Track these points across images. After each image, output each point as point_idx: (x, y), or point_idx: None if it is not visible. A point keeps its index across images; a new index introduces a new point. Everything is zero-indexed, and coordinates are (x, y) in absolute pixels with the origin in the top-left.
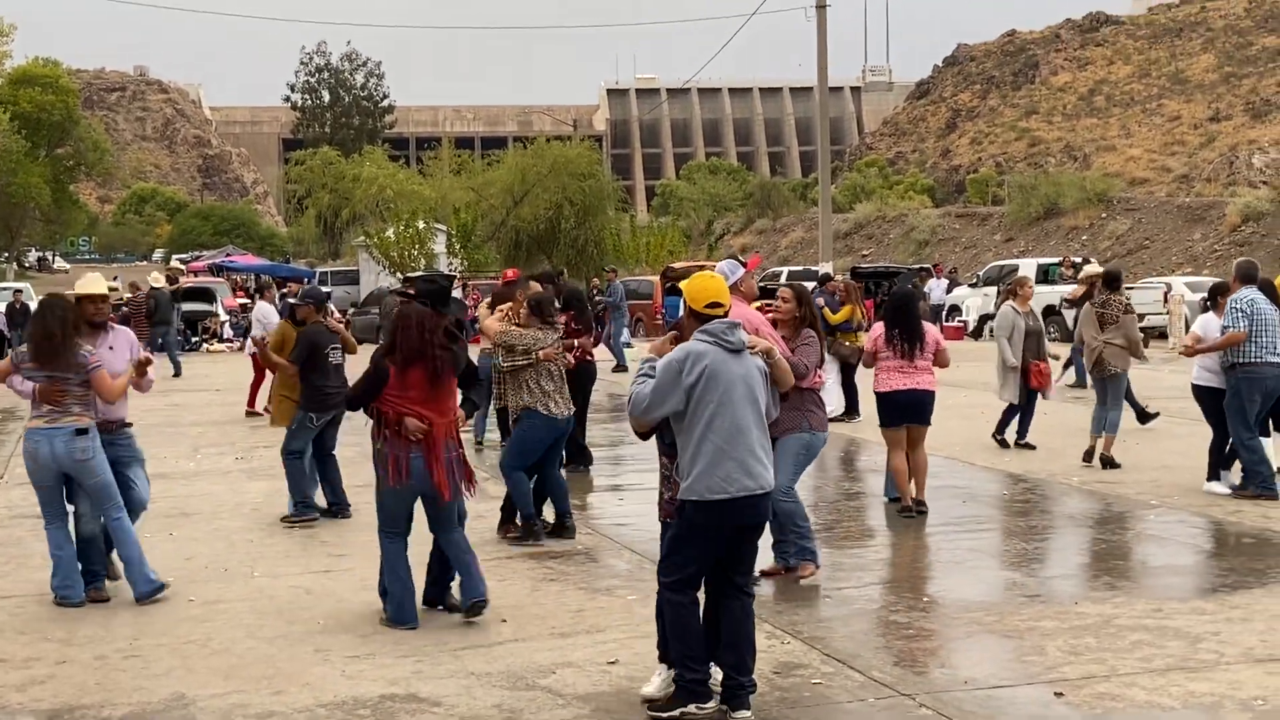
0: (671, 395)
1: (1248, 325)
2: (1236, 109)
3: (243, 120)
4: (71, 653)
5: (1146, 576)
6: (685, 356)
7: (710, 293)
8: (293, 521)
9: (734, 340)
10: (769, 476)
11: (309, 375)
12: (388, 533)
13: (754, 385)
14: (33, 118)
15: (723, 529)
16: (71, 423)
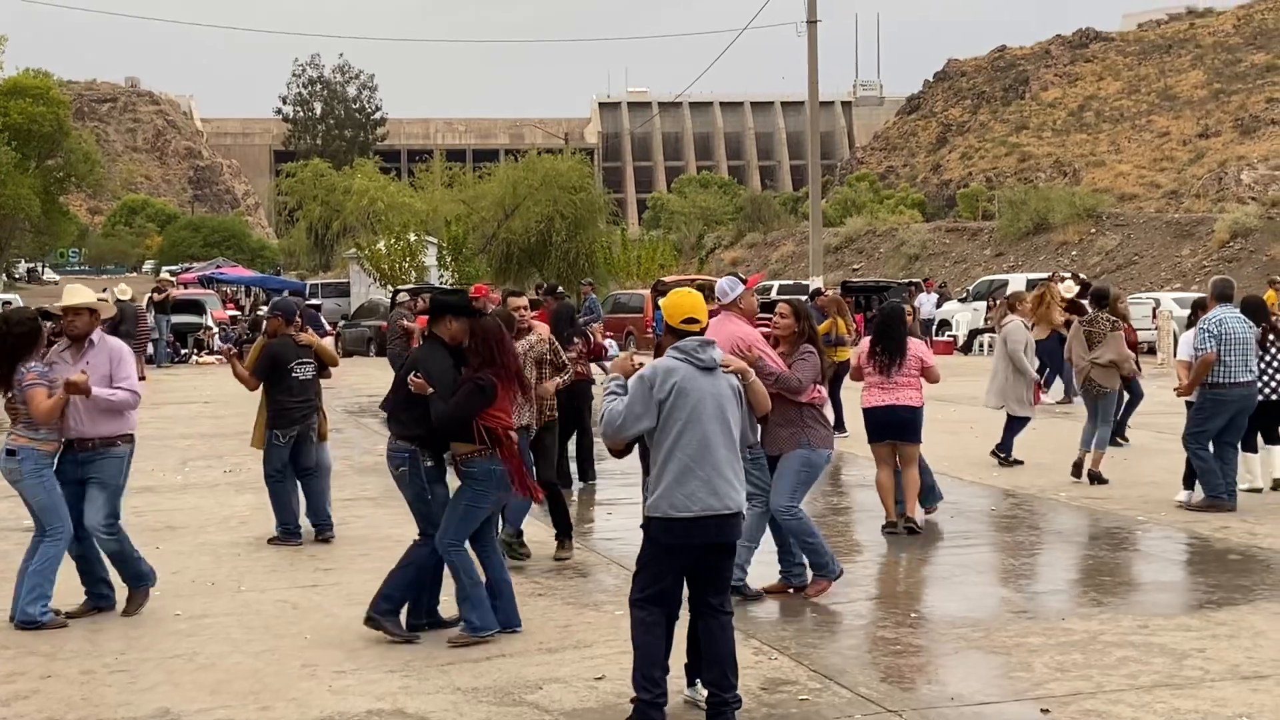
0: (645, 412)
1: (1216, 346)
2: (1225, 125)
3: (234, 132)
4: (57, 667)
5: (1133, 593)
6: (655, 373)
7: (686, 309)
8: (278, 543)
9: (705, 357)
10: (737, 497)
11: (271, 390)
12: (459, 545)
13: (724, 404)
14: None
15: (688, 548)
16: (8, 442)
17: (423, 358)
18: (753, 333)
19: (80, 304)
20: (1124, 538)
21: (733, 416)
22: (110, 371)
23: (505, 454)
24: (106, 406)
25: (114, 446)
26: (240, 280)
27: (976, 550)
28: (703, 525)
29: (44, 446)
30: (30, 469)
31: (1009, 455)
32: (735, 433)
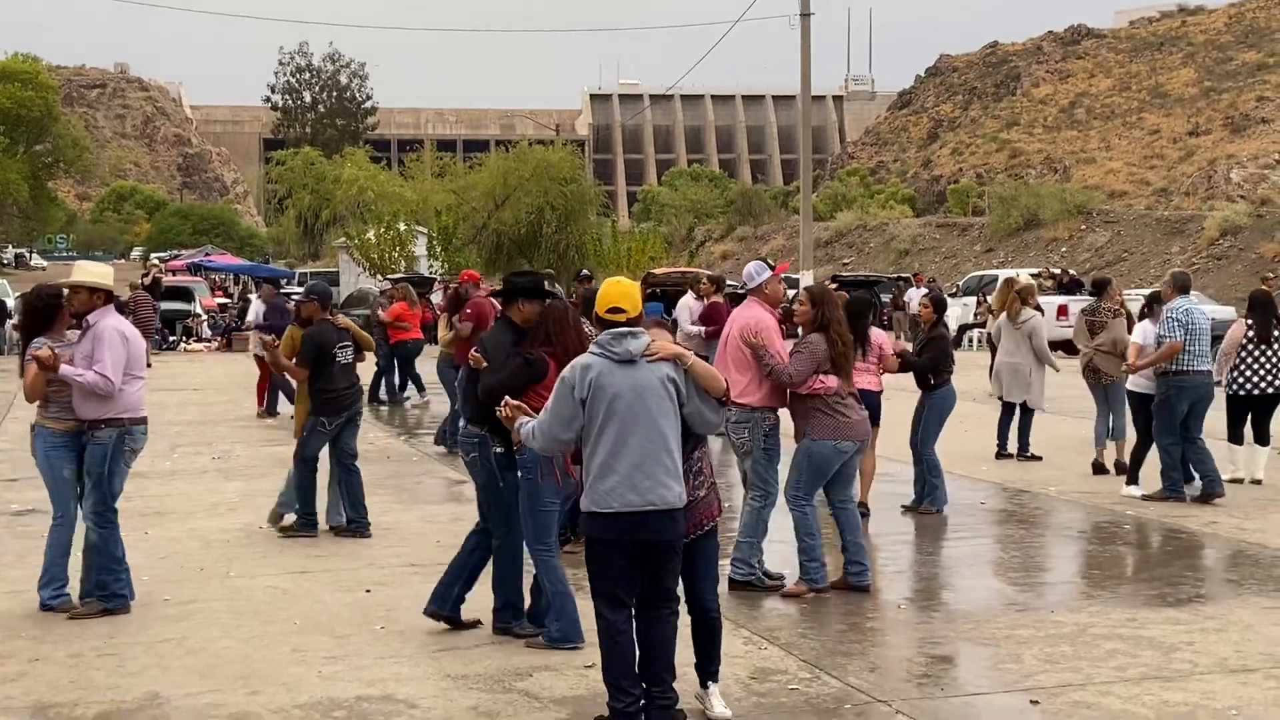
0: (572, 414)
1: (1183, 335)
2: (1216, 123)
3: (223, 119)
4: (45, 650)
5: (1122, 586)
6: (574, 372)
7: (610, 298)
8: (293, 534)
9: (620, 350)
10: (663, 493)
11: (316, 377)
12: (547, 544)
13: (646, 396)
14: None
15: (619, 544)
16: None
17: (487, 337)
18: (765, 319)
19: (77, 282)
20: (1113, 532)
21: (659, 408)
22: (90, 352)
23: None
24: (75, 387)
25: (98, 430)
26: (229, 268)
27: (967, 543)
28: (624, 522)
29: (55, 425)
30: (40, 447)
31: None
32: (666, 424)
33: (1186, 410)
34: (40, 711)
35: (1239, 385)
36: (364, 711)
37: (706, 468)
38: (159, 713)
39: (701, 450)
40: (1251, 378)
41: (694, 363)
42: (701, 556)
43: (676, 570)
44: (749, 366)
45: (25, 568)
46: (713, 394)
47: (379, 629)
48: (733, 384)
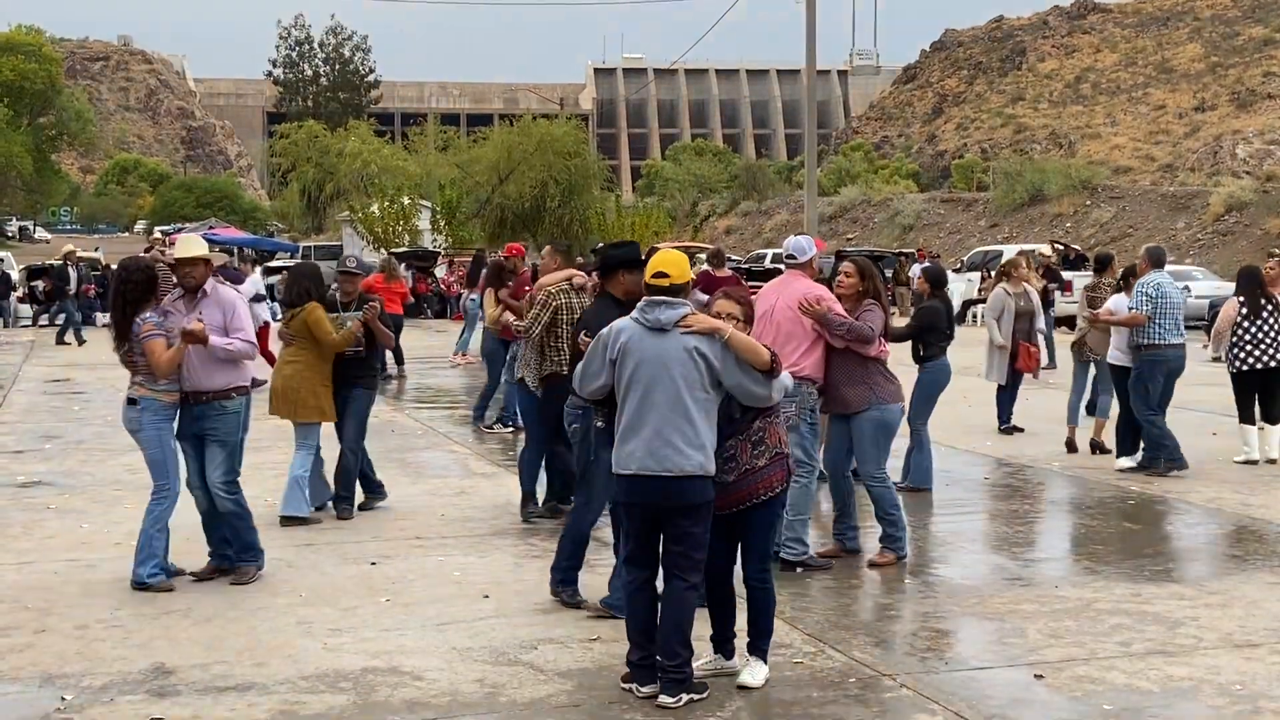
0: (600, 370)
1: (1151, 309)
2: (1222, 99)
3: (227, 92)
4: (51, 622)
5: (1126, 561)
6: (610, 333)
7: (655, 264)
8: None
9: (652, 318)
10: (679, 460)
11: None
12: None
13: (671, 364)
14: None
15: (636, 505)
16: (130, 391)
17: (590, 314)
18: (821, 288)
19: (195, 255)
20: (1117, 507)
21: (684, 379)
22: (224, 322)
23: None
24: (224, 356)
25: (229, 400)
26: (233, 241)
27: (971, 518)
28: (640, 485)
29: (165, 398)
30: (149, 420)
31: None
32: (689, 394)
33: (1163, 383)
34: (48, 682)
35: (1239, 361)
36: (370, 683)
37: (771, 438)
38: (165, 683)
39: (766, 420)
40: (1252, 352)
41: (732, 335)
42: (753, 526)
43: (699, 542)
44: (797, 338)
45: (31, 540)
46: (755, 366)
47: (384, 601)
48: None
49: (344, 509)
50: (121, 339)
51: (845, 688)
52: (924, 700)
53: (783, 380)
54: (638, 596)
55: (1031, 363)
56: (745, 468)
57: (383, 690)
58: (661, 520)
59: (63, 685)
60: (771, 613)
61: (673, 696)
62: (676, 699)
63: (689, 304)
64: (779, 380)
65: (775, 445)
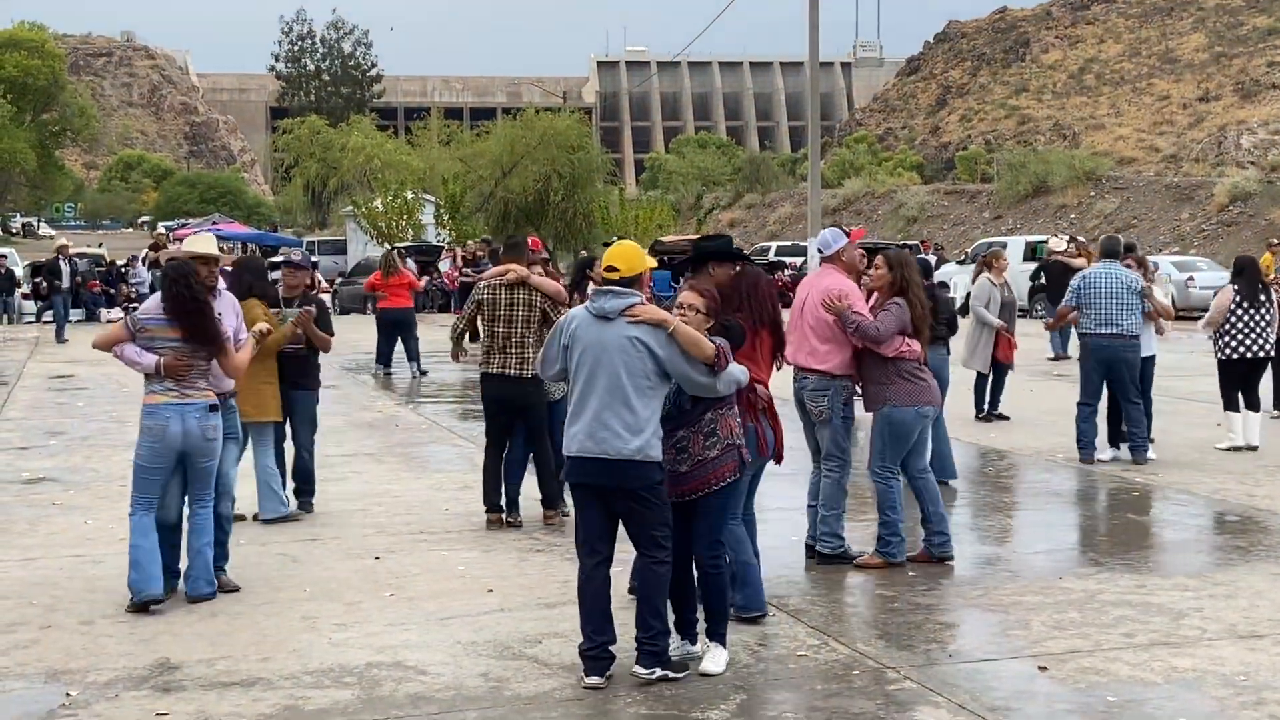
0: (555, 356)
1: (1074, 300)
2: (1226, 89)
3: (230, 87)
4: (56, 618)
5: (1130, 553)
6: (565, 319)
7: (607, 257)
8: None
9: (597, 306)
10: (618, 444)
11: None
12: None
13: (613, 351)
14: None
15: (582, 488)
16: (203, 398)
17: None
18: (846, 284)
19: (213, 253)
20: (1121, 499)
21: (625, 366)
22: (236, 324)
23: (750, 411)
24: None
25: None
26: (237, 236)
27: (974, 510)
28: (582, 465)
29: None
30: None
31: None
32: (629, 380)
33: (1103, 373)
34: (54, 678)
35: (1229, 350)
36: (374, 678)
37: (724, 429)
38: (171, 678)
39: (717, 412)
40: (1243, 342)
41: (677, 328)
42: (703, 511)
43: (654, 521)
44: (829, 333)
45: (36, 536)
46: (699, 359)
47: (389, 596)
48: (813, 351)
49: (306, 503)
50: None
51: (849, 680)
52: (928, 692)
53: (732, 374)
54: (588, 584)
55: (1010, 353)
56: (698, 458)
57: (387, 685)
58: (612, 503)
59: (68, 681)
60: (725, 596)
61: (646, 669)
62: (650, 671)
63: (637, 294)
64: (727, 374)
65: (727, 436)
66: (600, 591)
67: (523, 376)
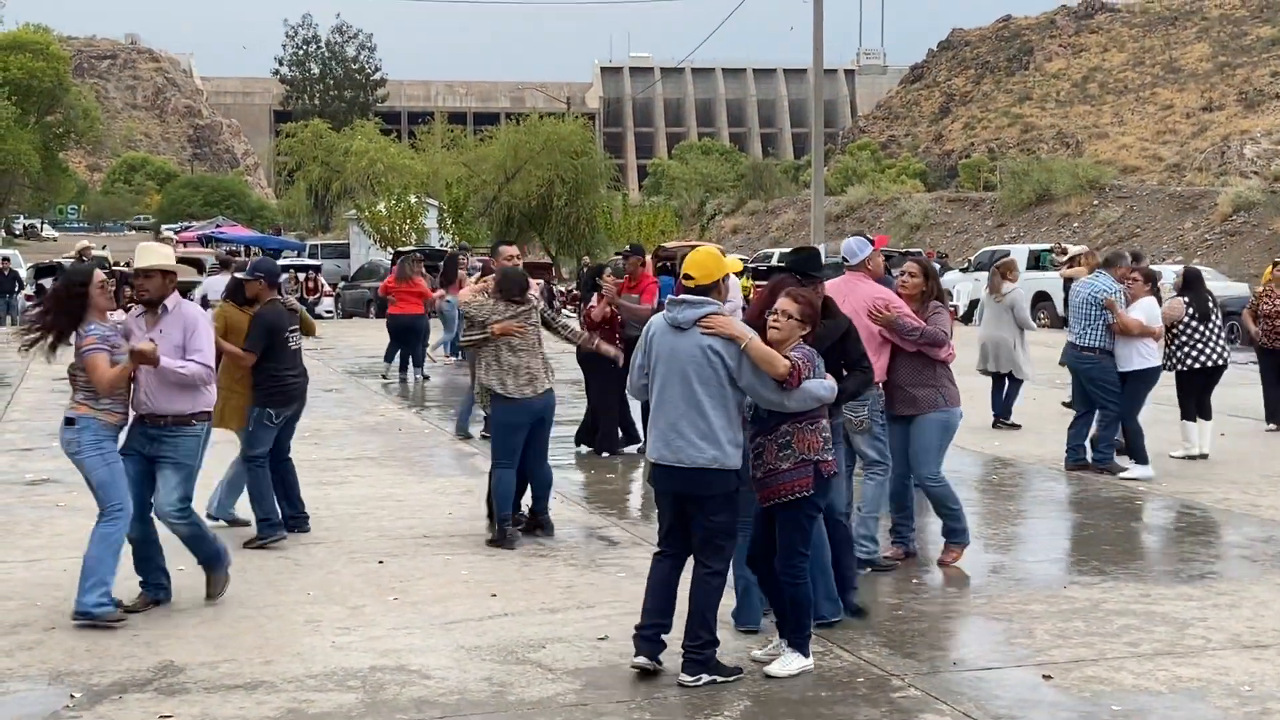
0: (641, 365)
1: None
2: (1229, 99)
3: (233, 91)
4: (60, 619)
5: (1134, 562)
6: (646, 327)
7: (686, 265)
8: (261, 544)
9: (671, 316)
10: (693, 453)
11: (266, 363)
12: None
13: (686, 362)
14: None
15: (660, 492)
16: (70, 410)
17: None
18: (887, 292)
19: (151, 266)
20: (1125, 507)
21: (698, 375)
22: (183, 341)
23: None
24: (175, 380)
25: (189, 426)
26: (240, 239)
27: (977, 518)
28: (659, 472)
29: (107, 417)
30: (89, 441)
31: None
32: (702, 391)
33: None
34: (57, 680)
35: (1188, 362)
36: (378, 682)
37: (799, 443)
38: (174, 681)
39: (794, 425)
40: (1203, 352)
41: (749, 345)
42: (779, 522)
43: (719, 529)
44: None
45: (40, 537)
46: (773, 375)
47: (392, 600)
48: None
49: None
50: (54, 349)
51: (853, 687)
52: (932, 700)
53: (808, 390)
54: (655, 570)
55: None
56: (769, 467)
57: (391, 688)
58: (680, 506)
59: (71, 683)
60: (802, 609)
61: (691, 676)
62: (696, 678)
63: (714, 303)
64: (800, 391)
65: (803, 451)
66: (665, 579)
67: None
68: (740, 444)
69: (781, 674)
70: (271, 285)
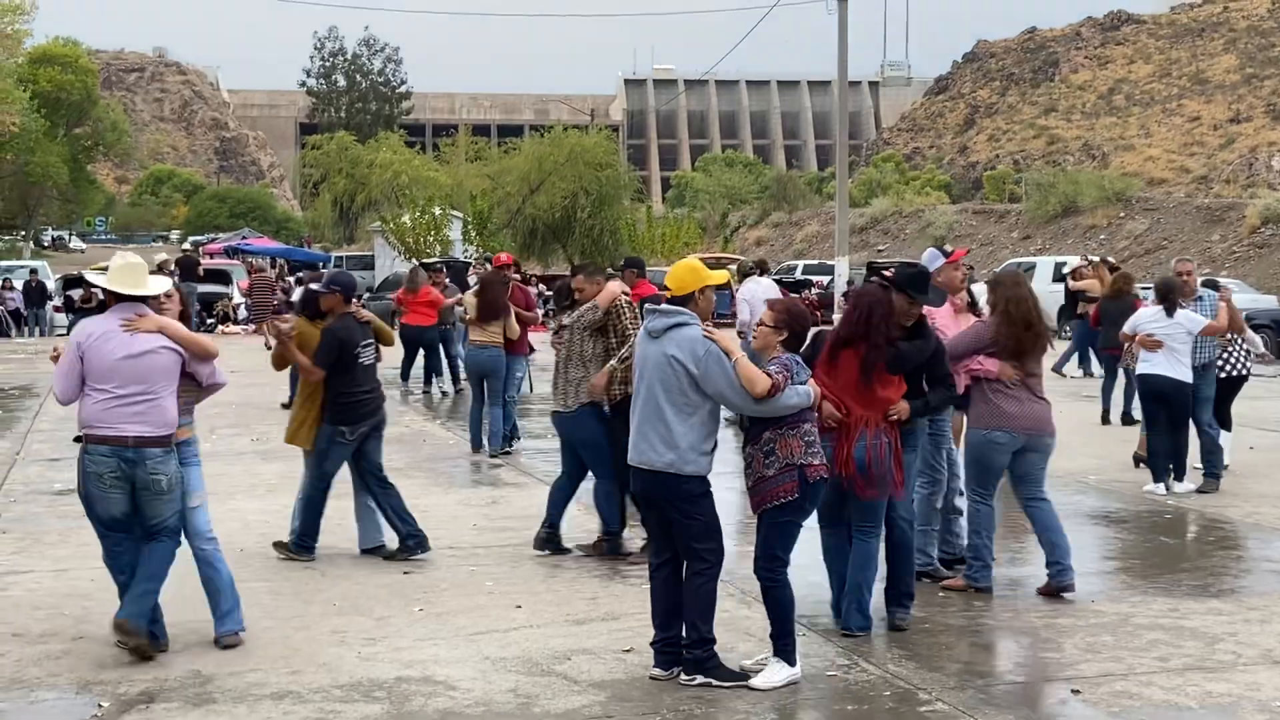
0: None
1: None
2: (1257, 110)
3: (260, 103)
4: (88, 629)
5: (1164, 576)
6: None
7: (667, 278)
8: (290, 554)
9: (650, 325)
10: (653, 455)
11: (335, 380)
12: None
13: (653, 369)
14: (52, 97)
15: (637, 495)
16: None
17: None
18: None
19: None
20: (1154, 521)
21: (661, 382)
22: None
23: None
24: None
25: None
26: (266, 251)
27: (1005, 531)
28: (631, 472)
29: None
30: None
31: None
32: (664, 397)
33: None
34: (85, 688)
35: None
36: (403, 693)
37: (782, 449)
38: (202, 690)
39: (776, 432)
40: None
41: (737, 363)
42: (763, 526)
43: (693, 533)
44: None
45: (68, 546)
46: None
47: (417, 611)
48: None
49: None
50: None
51: (880, 702)
52: (959, 714)
53: (781, 401)
54: (653, 579)
55: None
56: (758, 475)
57: (416, 699)
58: (663, 513)
59: (99, 692)
60: (784, 614)
61: (688, 676)
62: (691, 678)
63: (685, 313)
64: (774, 401)
65: (786, 457)
66: (663, 588)
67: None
68: (707, 451)
69: (764, 687)
70: (347, 299)
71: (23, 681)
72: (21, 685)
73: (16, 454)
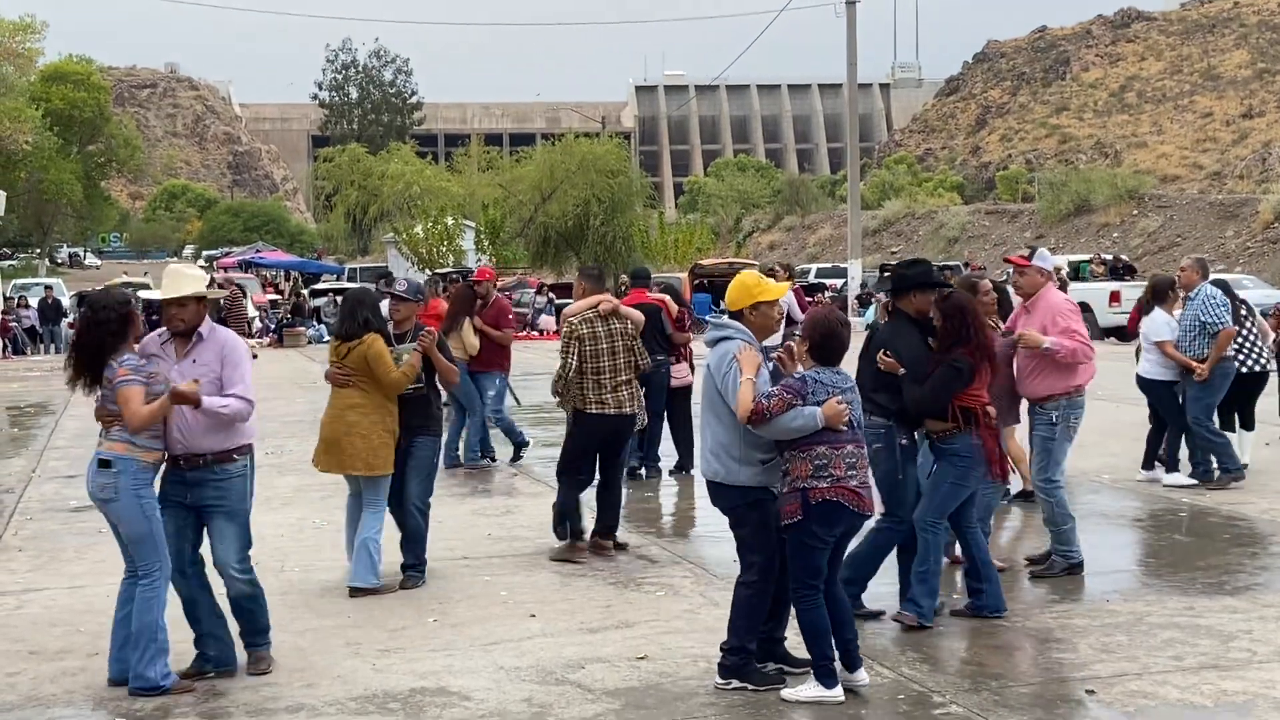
0: None
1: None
2: (1270, 105)
3: (272, 117)
4: (104, 645)
5: (1178, 574)
6: None
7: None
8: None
9: (703, 338)
10: (703, 465)
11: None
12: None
13: (705, 380)
14: (65, 114)
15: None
16: (104, 449)
17: (890, 336)
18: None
19: (187, 295)
20: (1168, 519)
21: (705, 393)
22: (221, 374)
23: (983, 432)
24: (214, 420)
25: (230, 463)
26: (280, 264)
27: (1020, 531)
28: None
29: (145, 456)
30: (127, 485)
31: None
32: (708, 409)
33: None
34: (100, 704)
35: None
36: (418, 704)
37: (793, 470)
38: (217, 705)
39: (790, 452)
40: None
41: (742, 381)
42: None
43: (741, 542)
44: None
45: (83, 563)
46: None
47: (431, 622)
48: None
49: (414, 578)
50: (92, 386)
51: (894, 705)
52: (973, 717)
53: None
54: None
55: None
56: (778, 493)
57: (431, 710)
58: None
59: (115, 708)
60: (808, 635)
61: (722, 679)
62: (726, 682)
63: (732, 325)
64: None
65: (794, 478)
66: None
67: (634, 413)
68: (757, 462)
69: (790, 698)
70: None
71: (39, 699)
72: (38, 702)
73: (33, 471)
